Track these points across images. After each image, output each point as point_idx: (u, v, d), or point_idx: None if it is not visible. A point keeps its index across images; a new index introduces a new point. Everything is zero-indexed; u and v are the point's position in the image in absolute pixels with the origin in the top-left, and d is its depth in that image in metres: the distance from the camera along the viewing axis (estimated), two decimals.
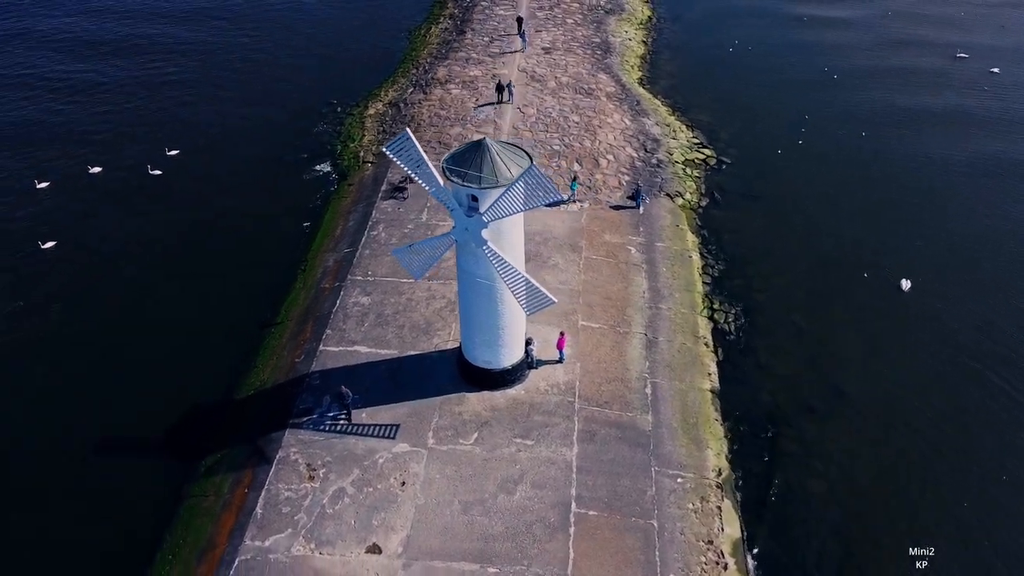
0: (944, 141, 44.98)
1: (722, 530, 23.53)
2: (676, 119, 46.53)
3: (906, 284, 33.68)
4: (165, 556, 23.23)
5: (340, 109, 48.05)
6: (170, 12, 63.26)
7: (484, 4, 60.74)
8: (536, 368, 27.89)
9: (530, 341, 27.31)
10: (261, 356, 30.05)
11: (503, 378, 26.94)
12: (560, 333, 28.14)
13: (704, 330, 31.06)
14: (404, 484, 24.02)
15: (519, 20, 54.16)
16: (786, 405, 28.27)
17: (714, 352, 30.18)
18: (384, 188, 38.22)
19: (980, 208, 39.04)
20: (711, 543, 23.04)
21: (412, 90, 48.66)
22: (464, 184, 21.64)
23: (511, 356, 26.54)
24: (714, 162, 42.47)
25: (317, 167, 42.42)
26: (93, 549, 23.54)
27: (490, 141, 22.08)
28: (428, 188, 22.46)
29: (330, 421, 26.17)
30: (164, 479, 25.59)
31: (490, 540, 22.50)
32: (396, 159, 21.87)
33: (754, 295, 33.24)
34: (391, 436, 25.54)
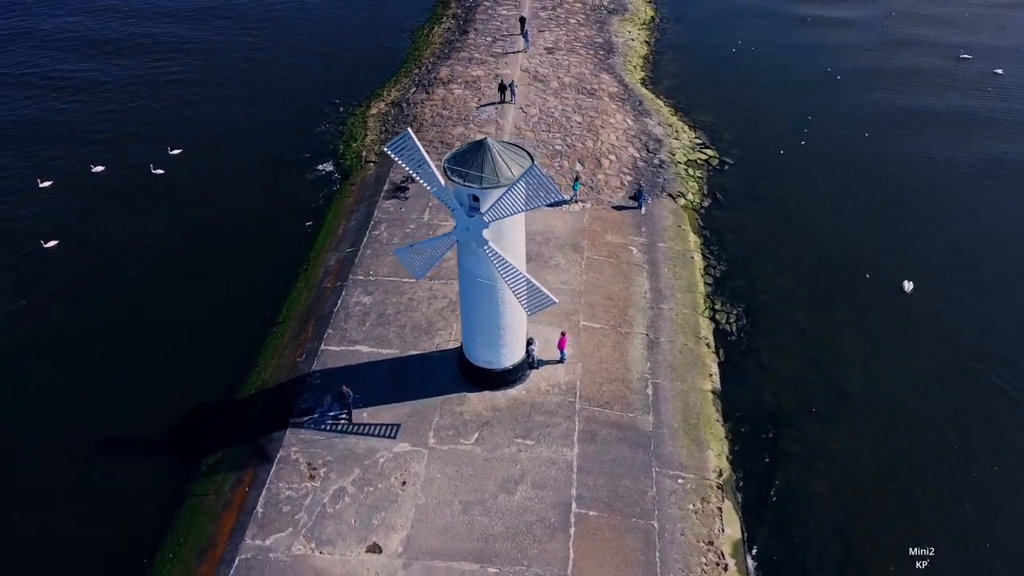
0: (947, 142, 44.89)
1: (723, 531, 23.53)
2: (678, 119, 46.48)
3: (908, 286, 33.61)
4: (166, 555, 23.30)
5: (343, 109, 48.09)
6: (173, 11, 63.37)
7: (487, 4, 60.74)
8: (537, 368, 27.90)
9: (531, 341, 27.30)
10: (263, 355, 30.11)
11: (504, 378, 26.94)
12: (561, 333, 28.12)
13: (706, 331, 31.04)
14: (405, 484, 24.05)
15: (522, 20, 54.19)
16: (788, 406, 28.25)
17: (716, 353, 30.16)
18: (386, 188, 38.25)
19: (983, 209, 38.95)
20: (711, 544, 23.03)
21: (414, 90, 48.68)
22: (465, 184, 21.65)
23: (512, 356, 26.54)
24: (716, 162, 42.42)
25: (319, 167, 42.46)
26: (95, 547, 23.61)
27: (491, 141, 22.07)
28: (429, 188, 22.47)
29: (331, 420, 26.20)
30: (166, 478, 25.66)
31: (490, 540, 22.51)
32: (397, 159, 21.87)
33: (756, 296, 33.20)
34: (392, 436, 25.56)
